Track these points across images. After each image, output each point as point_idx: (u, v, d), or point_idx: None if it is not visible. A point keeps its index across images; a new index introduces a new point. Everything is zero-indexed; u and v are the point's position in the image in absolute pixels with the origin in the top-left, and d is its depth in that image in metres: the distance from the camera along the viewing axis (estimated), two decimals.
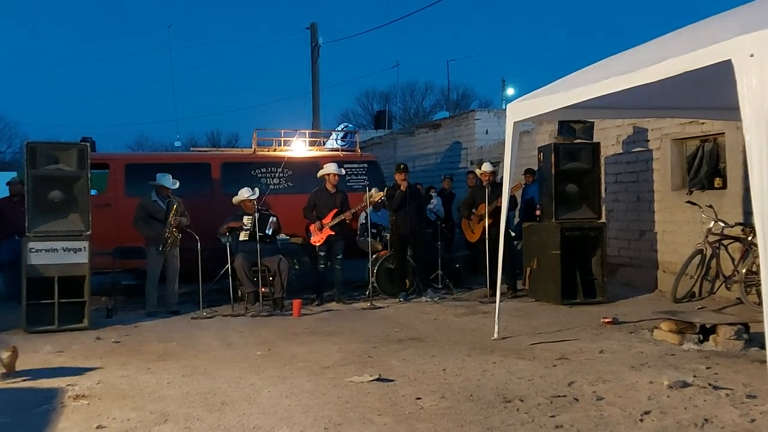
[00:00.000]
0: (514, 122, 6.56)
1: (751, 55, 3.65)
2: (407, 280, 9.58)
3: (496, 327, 6.65)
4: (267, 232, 8.87)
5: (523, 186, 10.85)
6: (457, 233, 12.02)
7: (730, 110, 6.55)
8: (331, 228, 9.17)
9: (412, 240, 9.54)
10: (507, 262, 8.15)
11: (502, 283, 7.22)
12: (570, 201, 8.98)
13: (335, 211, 9.21)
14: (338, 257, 9.27)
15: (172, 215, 8.50)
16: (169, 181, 8.71)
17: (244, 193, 8.97)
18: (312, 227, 9.25)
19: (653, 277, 9.61)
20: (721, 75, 4.01)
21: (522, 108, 6.52)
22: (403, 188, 9.40)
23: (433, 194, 11.91)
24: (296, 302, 8.40)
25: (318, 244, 9.26)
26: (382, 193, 9.53)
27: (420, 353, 6.03)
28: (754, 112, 3.64)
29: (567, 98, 5.77)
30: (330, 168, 9.35)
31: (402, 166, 9.74)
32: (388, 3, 62.83)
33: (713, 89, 5.46)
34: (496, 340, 6.53)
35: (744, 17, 4.32)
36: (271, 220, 8.96)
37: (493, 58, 71.30)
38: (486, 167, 9.65)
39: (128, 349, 6.51)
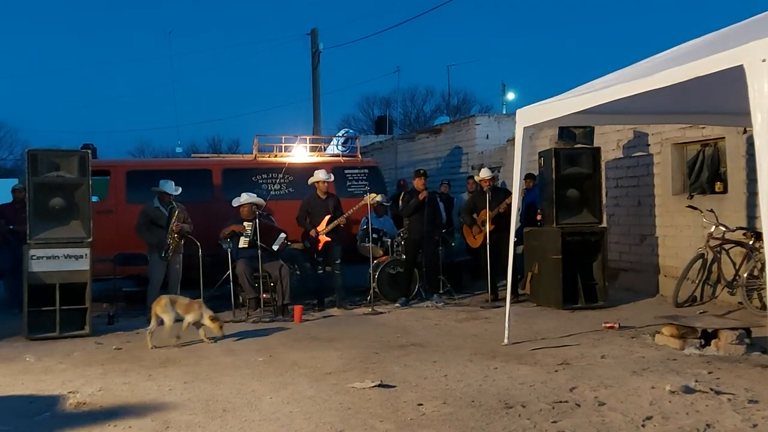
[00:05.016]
0: (524, 127, 6.57)
1: (763, 61, 3.64)
2: (410, 286, 9.58)
3: (507, 332, 6.62)
4: (274, 248, 8.88)
5: (525, 191, 10.87)
6: (457, 238, 12.02)
7: (732, 115, 6.60)
8: (327, 234, 9.16)
9: (425, 245, 9.54)
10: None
11: (504, 289, 7.20)
12: (571, 205, 8.98)
13: (329, 217, 9.20)
14: (337, 262, 9.25)
15: (173, 221, 8.51)
16: (171, 188, 8.72)
17: (243, 198, 8.98)
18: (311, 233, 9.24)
19: (654, 282, 9.60)
20: (724, 80, 4.02)
21: (531, 113, 6.54)
22: (422, 197, 9.41)
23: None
24: (297, 308, 8.40)
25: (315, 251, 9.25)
26: (377, 196, 9.51)
27: (421, 359, 6.03)
28: (765, 118, 3.63)
29: (576, 104, 5.79)
30: (319, 176, 9.34)
31: (422, 171, 9.77)
32: (388, 9, 62.95)
33: (717, 94, 5.48)
34: (506, 345, 6.50)
35: (756, 29, 4.34)
36: (280, 236, 8.96)
37: (493, 63, 71.34)
38: (484, 173, 9.67)
39: (130, 355, 6.51)
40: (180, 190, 8.80)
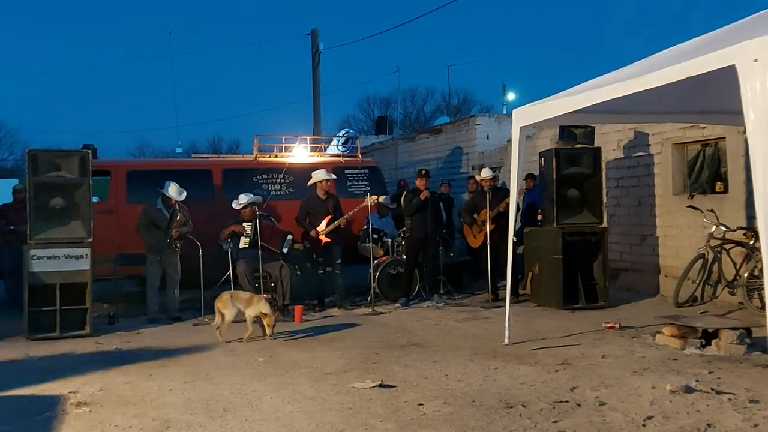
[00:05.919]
0: (521, 127, 6.57)
1: (755, 60, 3.66)
2: (410, 286, 9.58)
3: (507, 332, 6.62)
4: (284, 251, 8.91)
5: (525, 191, 10.86)
6: (457, 238, 12.02)
7: (732, 115, 6.59)
8: (327, 235, 9.16)
9: (426, 245, 9.54)
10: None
11: (504, 289, 7.20)
12: (571, 205, 8.98)
13: (329, 217, 9.20)
14: (337, 263, 9.24)
15: (173, 227, 8.49)
16: (176, 192, 8.63)
17: (244, 200, 8.96)
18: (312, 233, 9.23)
19: (655, 282, 9.60)
20: (724, 79, 4.03)
21: (528, 113, 6.54)
22: (423, 197, 9.43)
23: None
24: (298, 308, 8.40)
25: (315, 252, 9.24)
26: (377, 197, 9.53)
27: (422, 359, 6.03)
28: (758, 117, 3.64)
29: (572, 103, 5.79)
30: (319, 175, 9.32)
31: (424, 171, 9.78)
32: (388, 9, 62.97)
33: (716, 94, 5.49)
34: (506, 345, 6.50)
35: (748, 28, 4.35)
36: (288, 238, 8.96)
37: (493, 63, 71.29)
38: (485, 173, 9.67)
39: (130, 355, 6.51)
40: (185, 194, 8.68)
